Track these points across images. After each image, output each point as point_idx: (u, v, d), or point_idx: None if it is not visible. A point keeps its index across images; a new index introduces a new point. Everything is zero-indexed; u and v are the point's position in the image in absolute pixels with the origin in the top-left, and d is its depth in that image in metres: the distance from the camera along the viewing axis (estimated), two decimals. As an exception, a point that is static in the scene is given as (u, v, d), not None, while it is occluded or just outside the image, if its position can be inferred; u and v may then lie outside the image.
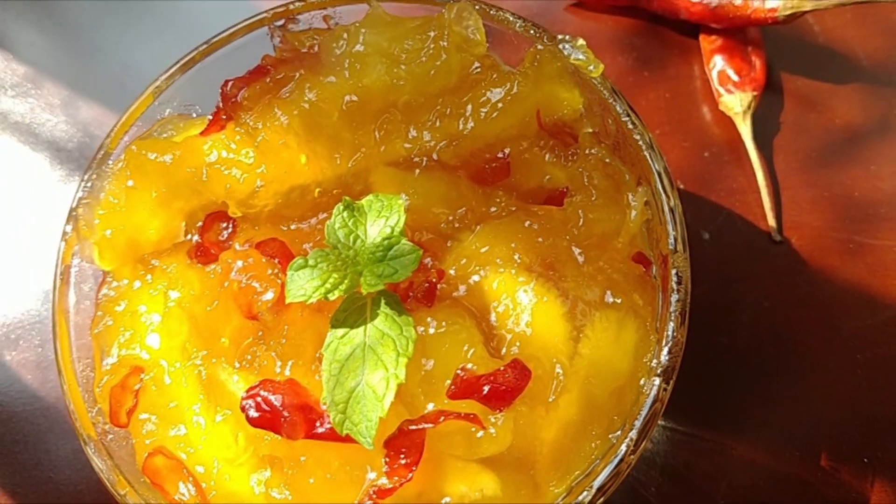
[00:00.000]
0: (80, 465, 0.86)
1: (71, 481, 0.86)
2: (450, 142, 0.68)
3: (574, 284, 0.62)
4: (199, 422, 0.63)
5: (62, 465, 0.86)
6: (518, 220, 0.65)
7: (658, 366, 0.60)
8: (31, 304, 0.94)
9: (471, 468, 0.58)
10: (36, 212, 0.97)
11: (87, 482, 0.85)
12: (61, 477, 0.86)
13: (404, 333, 0.58)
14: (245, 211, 0.68)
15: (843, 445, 0.79)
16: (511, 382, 0.57)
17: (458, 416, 0.57)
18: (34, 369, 0.91)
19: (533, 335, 0.60)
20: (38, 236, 0.96)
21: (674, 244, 0.63)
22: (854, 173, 0.88)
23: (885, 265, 0.84)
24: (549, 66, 0.68)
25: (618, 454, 0.59)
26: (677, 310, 0.61)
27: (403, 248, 0.59)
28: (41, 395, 0.91)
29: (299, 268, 0.59)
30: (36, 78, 1.03)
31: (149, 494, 0.64)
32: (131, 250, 0.69)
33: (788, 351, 0.83)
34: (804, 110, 0.91)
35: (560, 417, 0.59)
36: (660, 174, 0.66)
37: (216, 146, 0.68)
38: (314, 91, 0.66)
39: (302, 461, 0.59)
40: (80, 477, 0.86)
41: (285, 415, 0.58)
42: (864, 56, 0.92)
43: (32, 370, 0.91)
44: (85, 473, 0.86)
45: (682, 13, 0.91)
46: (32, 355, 0.92)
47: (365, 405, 0.57)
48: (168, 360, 0.65)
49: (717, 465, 0.79)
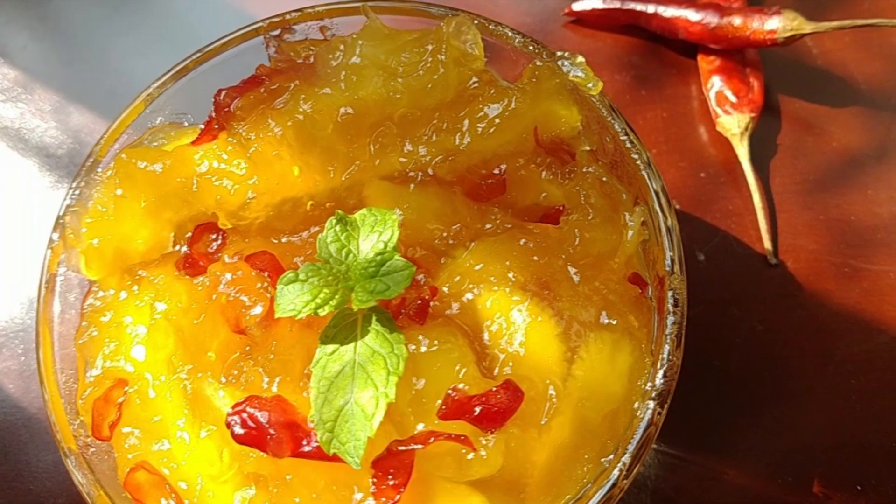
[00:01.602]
0: (60, 478, 0.84)
1: (51, 493, 0.84)
2: (445, 157, 0.67)
3: (569, 304, 0.61)
4: (184, 437, 0.61)
5: (43, 476, 0.85)
6: (513, 238, 0.64)
7: (653, 389, 0.60)
8: (16, 313, 0.92)
9: (460, 490, 0.57)
10: (23, 218, 0.96)
11: (67, 494, 0.84)
12: (41, 489, 0.84)
13: (395, 351, 0.57)
14: (235, 223, 0.67)
15: (836, 472, 0.78)
16: (503, 404, 0.56)
17: (448, 438, 0.55)
18: (17, 379, 0.89)
19: (526, 355, 0.59)
20: (24, 243, 0.95)
21: (671, 265, 0.62)
22: (851, 197, 0.87)
23: (880, 290, 0.83)
24: (547, 83, 0.67)
25: (610, 479, 0.58)
26: (673, 332, 0.60)
27: (396, 263, 0.58)
28: (23, 406, 0.89)
29: (289, 282, 0.58)
30: (27, 83, 1.02)
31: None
32: (118, 260, 0.68)
33: (782, 375, 0.82)
34: (801, 133, 0.91)
35: (552, 440, 0.58)
36: (657, 193, 0.65)
37: (207, 156, 0.67)
38: (309, 102, 0.65)
39: (288, 480, 0.58)
40: (61, 489, 0.84)
41: (271, 432, 0.57)
42: (863, 80, 0.92)
43: (15, 380, 0.89)
44: (66, 486, 0.84)
45: (681, 33, 0.91)
46: (15, 364, 0.90)
47: (353, 424, 0.55)
48: (153, 373, 0.64)
49: (708, 490, 0.78)
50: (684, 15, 0.90)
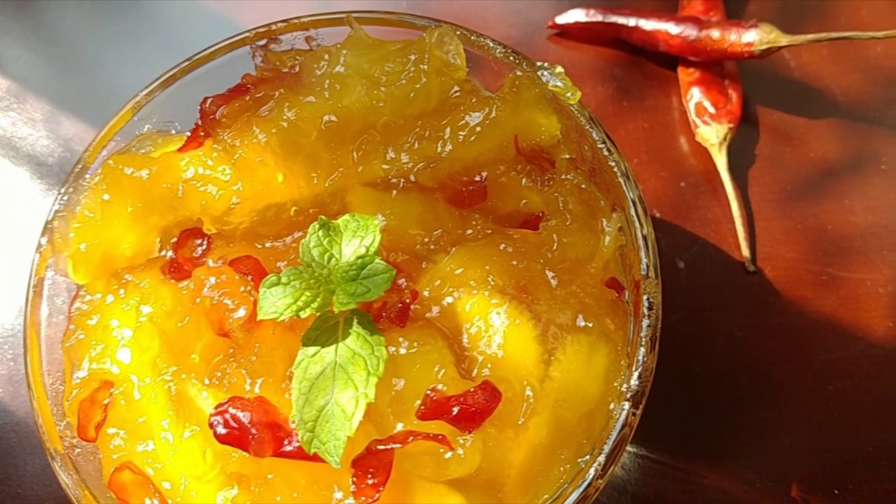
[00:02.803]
0: (48, 481, 0.85)
1: (38, 497, 0.85)
2: (427, 164, 0.68)
3: (547, 307, 0.62)
4: (168, 437, 0.62)
5: (30, 480, 0.85)
6: (493, 243, 0.66)
7: (628, 390, 0.61)
8: (5, 318, 0.93)
9: (438, 490, 0.58)
10: (13, 225, 0.97)
11: (55, 498, 0.84)
12: (29, 493, 0.85)
13: (375, 353, 0.58)
14: (220, 228, 0.68)
15: (814, 476, 0.79)
16: (481, 404, 0.57)
17: (426, 437, 0.56)
18: (5, 383, 0.90)
19: (504, 357, 0.61)
20: (14, 250, 0.96)
21: (646, 270, 0.64)
22: (828, 207, 0.89)
23: (857, 298, 0.85)
24: (527, 92, 0.69)
25: (586, 478, 0.59)
26: (648, 335, 0.62)
27: (377, 267, 0.59)
28: (11, 410, 0.90)
29: (272, 285, 0.59)
30: (19, 92, 1.03)
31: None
32: (105, 264, 0.69)
33: (760, 381, 0.83)
34: (779, 144, 0.92)
35: (529, 440, 0.59)
36: (634, 201, 0.67)
37: (193, 163, 0.68)
38: (293, 110, 0.67)
39: (269, 479, 0.59)
40: (48, 493, 0.85)
41: (253, 432, 0.58)
42: (839, 92, 0.94)
43: (4, 384, 0.90)
44: (53, 489, 0.85)
45: (662, 45, 0.93)
46: (4, 369, 0.91)
47: (334, 424, 0.57)
48: (138, 375, 0.65)
49: (688, 494, 0.79)
50: (664, 28, 0.92)
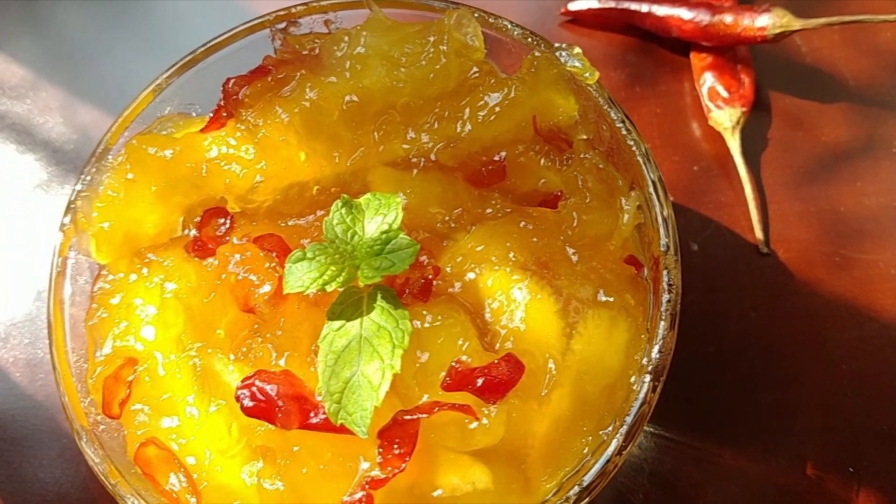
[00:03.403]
0: (66, 464, 0.86)
1: (57, 480, 0.85)
2: (447, 144, 0.69)
3: (568, 283, 0.63)
4: (193, 412, 0.63)
5: (49, 463, 0.86)
6: (513, 221, 0.67)
7: (649, 363, 0.61)
8: (23, 303, 0.93)
9: (463, 460, 0.59)
10: (30, 212, 0.98)
11: (72, 480, 0.85)
12: (48, 475, 0.85)
13: (400, 326, 0.59)
14: (244, 206, 0.69)
15: (829, 455, 0.80)
16: (505, 375, 0.58)
17: (452, 407, 0.57)
18: (24, 367, 0.91)
19: (527, 331, 0.61)
20: (32, 236, 0.97)
21: (665, 247, 0.64)
22: (840, 189, 0.90)
23: (870, 279, 0.86)
24: (545, 73, 0.69)
25: (608, 450, 0.60)
26: (668, 309, 0.62)
27: (401, 241, 0.60)
28: (30, 394, 0.90)
29: (297, 260, 0.60)
30: (35, 81, 1.04)
31: (139, 485, 0.64)
32: (128, 244, 0.70)
33: (775, 361, 0.84)
34: (791, 128, 0.93)
35: (552, 412, 0.60)
36: (654, 182, 0.67)
37: (216, 142, 0.69)
38: (315, 90, 0.67)
39: (295, 451, 0.59)
40: (66, 475, 0.85)
41: (280, 404, 0.59)
42: (851, 76, 0.95)
43: (22, 368, 0.91)
44: (71, 472, 0.85)
45: (674, 31, 0.93)
46: (22, 354, 0.92)
47: (360, 395, 0.57)
48: (163, 351, 0.65)
49: (703, 472, 0.80)
50: (677, 13, 0.92)
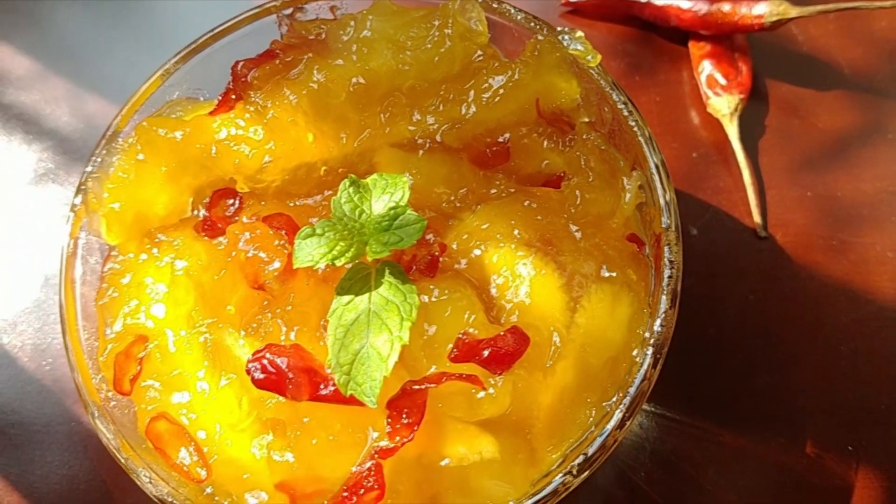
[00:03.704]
0: (73, 447, 0.87)
1: (65, 463, 0.86)
2: (452, 125, 0.70)
3: (571, 259, 0.64)
4: (203, 387, 0.64)
5: (57, 446, 0.87)
6: (517, 200, 0.68)
7: (651, 337, 0.63)
8: (31, 289, 0.94)
9: (470, 431, 0.60)
10: (37, 199, 0.99)
11: (80, 463, 0.86)
12: (55, 458, 0.86)
13: (408, 300, 0.60)
14: (253, 186, 0.70)
15: (828, 434, 0.81)
16: (511, 347, 0.59)
17: (459, 377, 0.58)
18: (31, 353, 0.92)
19: (531, 305, 0.62)
20: (38, 224, 0.98)
21: (667, 224, 0.66)
22: (837, 175, 0.91)
23: (867, 262, 0.87)
24: (548, 56, 0.71)
25: (611, 422, 0.61)
26: (670, 284, 0.64)
27: (409, 217, 0.61)
28: (38, 378, 0.91)
29: (307, 236, 0.61)
30: (41, 72, 1.05)
31: (150, 460, 0.65)
32: (138, 224, 0.71)
33: (773, 343, 0.85)
34: (788, 115, 0.95)
35: (557, 383, 0.61)
36: (657, 166, 0.68)
37: (225, 124, 0.70)
38: (322, 72, 0.69)
39: (305, 423, 0.60)
40: (74, 458, 0.86)
41: (290, 376, 0.60)
42: (846, 64, 0.96)
43: (30, 353, 0.92)
44: (79, 455, 0.86)
45: (673, 20, 0.95)
46: (30, 339, 0.92)
47: (369, 366, 0.58)
48: (173, 328, 0.66)
49: (704, 452, 0.81)
50: (676, 3, 0.94)
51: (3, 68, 1.06)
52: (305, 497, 0.61)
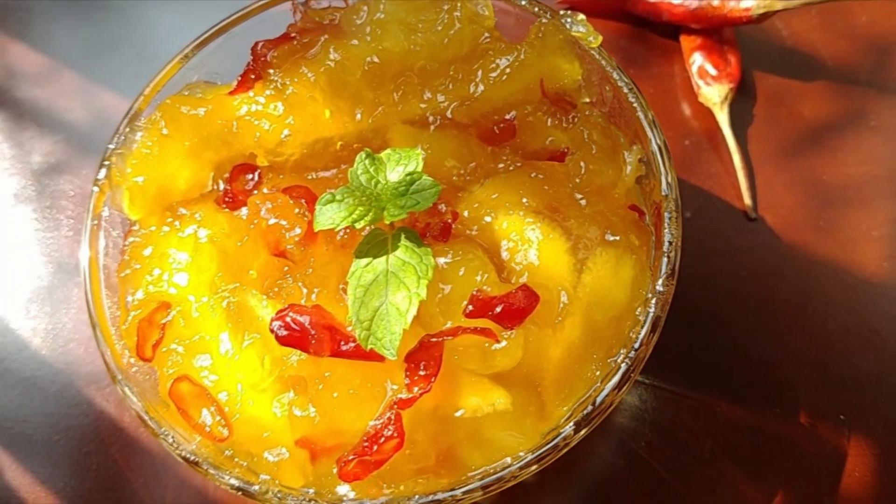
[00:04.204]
0: (84, 429, 0.89)
1: (79, 442, 0.88)
2: (462, 103, 0.74)
3: (577, 224, 0.68)
4: (226, 349, 0.66)
5: (68, 428, 0.89)
6: (524, 173, 0.71)
7: (654, 295, 0.66)
8: (44, 274, 0.97)
9: (483, 384, 0.63)
10: (50, 189, 1.01)
11: (90, 445, 0.88)
12: (66, 438, 0.88)
13: (424, 261, 0.63)
14: (272, 160, 0.73)
15: (820, 404, 0.85)
16: (522, 303, 0.62)
17: (474, 331, 0.61)
18: (45, 336, 0.94)
19: (540, 266, 0.66)
20: (52, 210, 1.00)
21: (667, 189, 0.69)
22: (822, 160, 0.96)
23: (853, 241, 0.91)
24: (552, 38, 0.75)
25: (616, 375, 0.64)
26: (672, 245, 0.67)
27: (425, 182, 0.64)
28: (50, 362, 0.93)
29: (327, 202, 0.64)
30: (54, 67, 1.08)
31: (172, 422, 0.67)
32: (160, 198, 0.74)
33: (765, 318, 0.89)
34: (775, 105, 0.99)
35: (565, 338, 0.64)
36: (660, 147, 0.72)
37: (246, 101, 0.73)
38: (339, 52, 0.72)
39: (326, 377, 0.63)
40: (86, 439, 0.88)
41: (312, 332, 0.62)
42: (829, 57, 1.01)
43: (43, 336, 0.94)
44: (89, 436, 0.88)
45: (665, 15, 0.99)
46: (43, 323, 0.95)
47: (388, 321, 0.61)
48: (196, 294, 0.69)
49: (702, 422, 0.84)
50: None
51: (16, 65, 1.09)
52: (325, 451, 0.64)
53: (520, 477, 0.63)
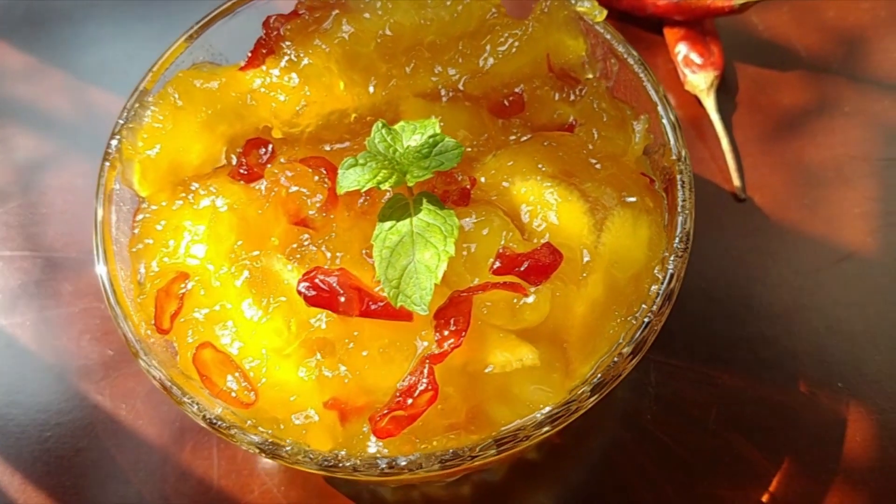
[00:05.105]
0: (77, 424, 0.86)
1: (66, 440, 0.86)
2: (472, 76, 0.75)
3: (593, 187, 0.69)
4: (250, 315, 0.65)
5: (56, 422, 0.87)
6: (537, 142, 0.73)
7: (671, 253, 0.68)
8: (30, 269, 0.95)
9: (511, 340, 0.63)
10: (45, 181, 1.00)
11: (90, 438, 0.86)
12: (53, 433, 0.86)
13: (448, 222, 0.63)
14: (288, 131, 0.73)
15: (818, 374, 0.87)
16: (547, 259, 0.63)
17: (503, 286, 0.62)
18: (32, 331, 0.92)
19: (560, 227, 0.67)
20: (37, 208, 0.98)
21: (676, 154, 0.72)
22: (803, 143, 1.00)
23: (837, 217, 0.95)
24: (557, 14, 0.77)
25: (641, 327, 0.65)
26: (685, 206, 0.69)
27: (448, 143, 0.65)
28: (39, 357, 0.91)
29: (350, 166, 0.65)
30: (40, 66, 1.07)
31: (193, 391, 0.66)
32: (172, 173, 0.73)
33: (758, 293, 0.91)
34: (756, 94, 1.03)
35: (589, 294, 0.66)
36: (662, 104, 0.74)
37: (259, 74, 0.73)
38: (352, 24, 0.73)
39: (356, 335, 0.63)
40: (75, 435, 0.86)
41: (341, 292, 0.62)
42: (802, 48, 1.06)
43: (31, 331, 0.91)
44: (82, 431, 0.86)
45: (650, 9, 1.03)
46: (30, 318, 0.92)
47: (418, 278, 0.62)
48: (215, 264, 0.68)
49: (704, 393, 0.86)
50: (652, -8, 1.03)
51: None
52: (356, 410, 0.64)
53: (533, 438, 0.63)
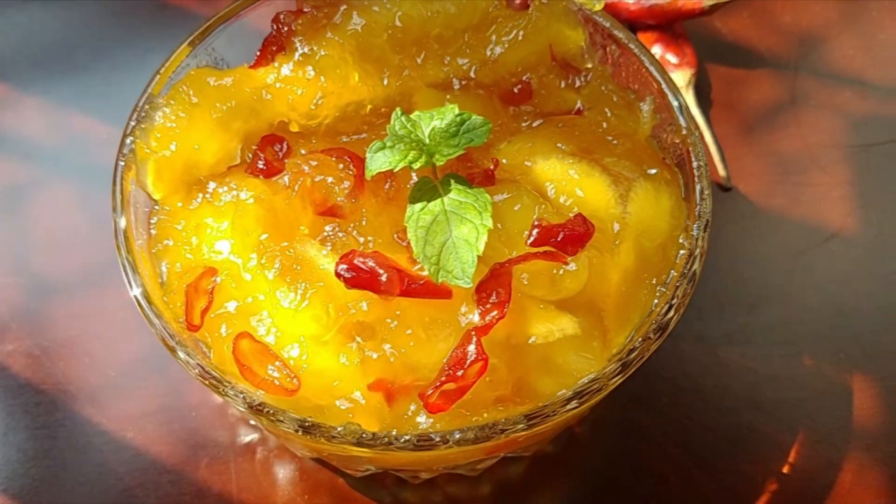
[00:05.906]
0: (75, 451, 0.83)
1: (58, 423, 0.82)
2: (481, 65, 0.77)
3: (612, 162, 0.71)
4: (286, 303, 0.64)
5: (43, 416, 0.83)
6: (551, 124, 0.75)
7: (693, 220, 0.70)
8: (21, 297, 0.91)
9: (550, 311, 0.64)
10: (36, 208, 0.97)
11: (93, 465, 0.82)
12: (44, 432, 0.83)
13: (480, 199, 0.64)
14: (306, 123, 0.73)
15: (819, 347, 0.90)
16: (582, 228, 0.64)
17: (544, 255, 0.63)
18: (26, 357, 0.88)
19: (587, 200, 0.68)
20: (22, 231, 0.96)
21: (686, 130, 0.74)
22: (778, 135, 1.04)
23: (818, 200, 0.99)
24: (556, 5, 0.80)
25: (674, 291, 0.67)
26: (702, 174, 0.72)
27: (476, 121, 0.66)
28: (34, 384, 0.87)
29: (378, 149, 0.65)
30: (15, 93, 1.05)
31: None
32: (187, 173, 0.72)
33: (748, 277, 0.95)
34: (728, 91, 1.08)
35: (621, 263, 0.67)
36: (682, 107, 0.77)
37: (271, 70, 0.74)
38: (363, 17, 0.74)
39: (398, 314, 0.63)
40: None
41: (381, 272, 0.62)
42: (765, 49, 1.12)
43: (24, 357, 0.88)
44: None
45: (623, 14, 1.07)
46: (24, 346, 0.89)
47: (457, 253, 0.62)
48: (244, 257, 0.67)
49: (711, 373, 0.88)
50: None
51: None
52: (402, 389, 0.63)
53: (559, 415, 0.63)
